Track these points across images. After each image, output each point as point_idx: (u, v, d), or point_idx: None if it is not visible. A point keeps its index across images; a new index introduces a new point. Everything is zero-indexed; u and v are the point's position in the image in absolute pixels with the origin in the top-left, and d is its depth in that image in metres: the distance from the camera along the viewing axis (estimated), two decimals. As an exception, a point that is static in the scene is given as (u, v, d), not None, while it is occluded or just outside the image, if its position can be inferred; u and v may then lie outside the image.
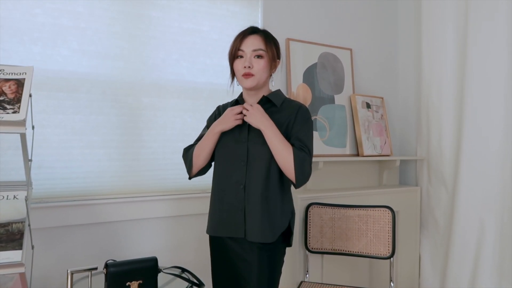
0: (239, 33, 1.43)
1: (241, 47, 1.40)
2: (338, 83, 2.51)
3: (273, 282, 1.44)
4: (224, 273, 1.49)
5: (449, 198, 2.44)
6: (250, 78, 1.40)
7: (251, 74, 1.39)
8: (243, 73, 1.40)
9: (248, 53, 1.39)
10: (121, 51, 1.86)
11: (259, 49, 1.40)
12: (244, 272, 1.42)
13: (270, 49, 1.42)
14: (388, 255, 1.97)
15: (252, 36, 1.41)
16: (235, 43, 1.42)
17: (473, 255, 2.29)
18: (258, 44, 1.40)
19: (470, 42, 2.29)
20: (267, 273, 1.41)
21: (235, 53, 1.41)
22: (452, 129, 2.44)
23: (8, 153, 1.63)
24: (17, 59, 1.64)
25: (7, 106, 1.22)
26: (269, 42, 1.42)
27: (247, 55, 1.40)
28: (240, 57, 1.41)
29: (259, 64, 1.39)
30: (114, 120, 1.85)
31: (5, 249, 1.18)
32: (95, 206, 1.77)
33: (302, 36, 2.39)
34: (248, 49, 1.39)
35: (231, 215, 1.42)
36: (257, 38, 1.41)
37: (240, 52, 1.40)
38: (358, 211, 2.05)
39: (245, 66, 1.38)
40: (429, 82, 2.55)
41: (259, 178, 1.40)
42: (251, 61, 1.39)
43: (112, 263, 1.42)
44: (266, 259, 1.41)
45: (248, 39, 1.40)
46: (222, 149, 1.47)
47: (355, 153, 2.51)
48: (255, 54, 1.39)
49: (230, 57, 1.44)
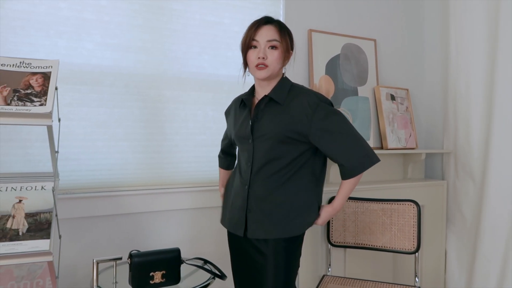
0: (253, 22, 1.40)
1: (255, 37, 1.36)
2: (362, 74, 2.46)
3: (289, 273, 1.43)
4: (241, 265, 1.50)
5: (477, 192, 2.37)
6: (264, 70, 1.37)
7: (265, 65, 1.36)
8: (256, 64, 1.37)
9: (263, 43, 1.36)
10: (143, 44, 1.88)
11: (273, 39, 1.36)
12: (260, 264, 1.42)
13: (284, 40, 1.38)
14: (413, 250, 1.92)
15: (267, 27, 1.37)
16: (249, 32, 1.38)
17: (503, 251, 2.21)
18: (272, 35, 1.36)
19: (501, 28, 2.19)
20: (283, 265, 1.41)
21: (249, 43, 1.38)
22: (480, 120, 2.35)
23: (36, 145, 1.67)
24: (43, 52, 1.68)
25: (34, 98, 1.25)
26: (284, 33, 1.39)
27: (261, 46, 1.36)
28: (254, 47, 1.38)
29: (273, 55, 1.36)
30: (137, 113, 1.87)
31: (34, 238, 1.22)
32: (119, 198, 1.80)
33: (324, 27, 2.35)
34: (263, 40, 1.36)
35: (237, 213, 1.46)
36: (271, 29, 1.37)
37: (254, 42, 1.37)
38: (382, 205, 2.00)
39: (259, 57, 1.36)
40: (457, 72, 2.46)
41: (264, 177, 1.41)
42: (265, 52, 1.36)
43: (136, 254, 1.44)
44: (282, 251, 1.40)
45: (263, 29, 1.37)
46: (238, 146, 1.53)
47: (379, 146, 2.45)
48: (270, 45, 1.36)
49: (243, 47, 1.40)
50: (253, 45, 1.38)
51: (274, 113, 1.40)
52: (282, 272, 1.40)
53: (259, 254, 1.42)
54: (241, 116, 1.48)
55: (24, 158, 1.65)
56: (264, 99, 1.42)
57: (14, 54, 1.60)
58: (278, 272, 1.39)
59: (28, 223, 1.24)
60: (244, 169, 1.45)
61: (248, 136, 1.42)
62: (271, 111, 1.41)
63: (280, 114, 1.39)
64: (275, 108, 1.40)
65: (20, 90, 1.25)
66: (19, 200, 1.28)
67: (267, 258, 1.40)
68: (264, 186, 1.41)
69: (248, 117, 1.44)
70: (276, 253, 1.40)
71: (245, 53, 1.41)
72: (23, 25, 1.64)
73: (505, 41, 2.19)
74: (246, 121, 1.45)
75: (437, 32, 2.68)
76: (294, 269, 1.46)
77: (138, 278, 1.41)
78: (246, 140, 1.43)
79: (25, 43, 1.65)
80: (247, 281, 1.49)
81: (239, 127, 1.47)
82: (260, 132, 1.40)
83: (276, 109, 1.40)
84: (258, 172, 1.41)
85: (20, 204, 1.27)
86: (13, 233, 1.21)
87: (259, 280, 1.42)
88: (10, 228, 1.22)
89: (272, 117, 1.40)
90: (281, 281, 1.40)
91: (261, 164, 1.41)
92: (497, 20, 2.22)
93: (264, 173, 1.41)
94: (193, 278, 1.53)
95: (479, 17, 2.33)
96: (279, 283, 1.39)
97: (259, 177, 1.41)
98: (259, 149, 1.41)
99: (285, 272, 1.41)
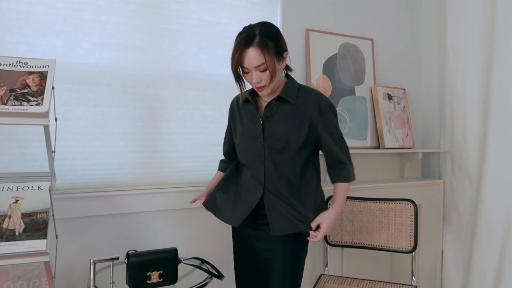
0: (236, 44, 1.32)
1: (243, 64, 1.32)
2: (359, 74, 2.47)
3: (297, 271, 1.45)
4: (247, 263, 1.51)
5: (473, 191, 2.38)
6: (265, 89, 1.36)
7: (264, 86, 1.35)
8: (255, 86, 1.37)
9: (252, 69, 1.32)
10: (141, 43, 1.87)
11: (259, 64, 1.30)
12: (268, 261, 1.43)
13: (270, 58, 1.30)
14: (410, 249, 1.93)
15: (249, 51, 1.29)
16: (234, 58, 1.32)
17: (499, 249, 2.22)
18: (257, 60, 1.29)
19: (498, 28, 2.20)
20: (290, 262, 1.42)
21: (238, 70, 1.35)
22: (477, 120, 2.36)
23: (32, 144, 1.66)
24: (40, 52, 1.67)
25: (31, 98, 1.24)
26: (267, 50, 1.30)
27: (252, 72, 1.32)
28: (246, 72, 1.35)
29: (266, 75, 1.33)
30: (134, 112, 1.87)
31: (31, 238, 1.21)
32: (116, 197, 1.79)
33: (321, 27, 2.35)
34: (250, 67, 1.31)
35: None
36: (254, 52, 1.29)
37: (244, 69, 1.34)
38: (379, 204, 2.01)
39: (254, 82, 1.34)
40: (454, 71, 2.47)
41: (277, 176, 1.41)
42: (259, 76, 1.32)
43: (134, 253, 1.43)
44: (290, 248, 1.42)
45: (247, 55, 1.30)
46: (241, 146, 1.50)
47: (376, 146, 2.46)
48: (259, 70, 1.32)
49: (234, 71, 1.36)
50: (245, 71, 1.34)
51: (286, 112, 1.41)
52: (289, 269, 1.42)
53: (266, 251, 1.44)
54: (247, 115, 1.47)
55: (20, 158, 1.64)
56: (273, 99, 1.43)
57: (11, 54, 1.60)
58: (285, 270, 1.41)
59: (24, 223, 1.24)
60: (256, 168, 1.44)
61: (259, 136, 1.42)
62: (282, 110, 1.42)
63: (291, 113, 1.41)
64: (286, 107, 1.42)
65: (16, 90, 1.25)
66: (15, 200, 1.28)
67: (275, 254, 1.42)
68: (279, 184, 1.42)
69: (257, 116, 1.44)
70: (284, 249, 1.42)
71: (237, 76, 1.38)
72: (20, 24, 1.64)
73: (501, 41, 2.20)
74: (255, 120, 1.44)
75: (434, 31, 2.69)
76: (301, 266, 1.48)
77: (135, 278, 1.41)
78: (255, 140, 1.43)
79: (22, 42, 1.64)
80: (251, 278, 1.50)
81: (246, 126, 1.46)
82: (272, 132, 1.40)
83: (287, 109, 1.41)
84: (272, 171, 1.41)
85: (17, 204, 1.27)
86: (9, 233, 1.21)
87: (267, 275, 1.43)
88: (7, 228, 1.21)
89: (284, 116, 1.41)
90: (288, 274, 1.42)
91: (275, 163, 1.41)
92: (493, 20, 2.23)
93: (278, 172, 1.41)
94: (191, 278, 1.53)
95: (476, 17, 2.34)
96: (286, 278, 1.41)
97: (273, 176, 1.42)
98: (272, 148, 1.41)
99: (292, 269, 1.43)
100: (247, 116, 1.48)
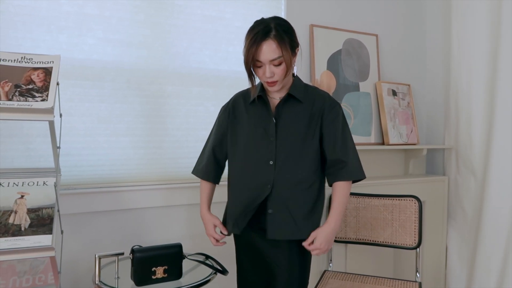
0: (252, 36, 1.29)
1: (258, 58, 1.29)
2: (363, 70, 2.45)
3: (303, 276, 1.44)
4: (251, 269, 1.49)
5: (478, 188, 2.37)
6: (276, 85, 1.35)
7: (276, 81, 1.34)
8: (266, 81, 1.35)
9: (266, 63, 1.30)
10: (144, 39, 1.87)
11: (276, 58, 1.28)
12: (273, 267, 1.42)
13: (286, 52, 1.29)
14: (414, 246, 1.92)
15: (266, 44, 1.27)
16: (250, 51, 1.29)
17: (504, 246, 2.21)
18: (273, 53, 1.28)
19: (504, 24, 2.18)
20: (297, 267, 1.41)
21: (252, 63, 1.32)
22: (482, 116, 2.34)
23: (37, 140, 1.67)
24: (44, 48, 1.67)
25: (36, 94, 1.25)
26: (283, 43, 1.28)
27: (265, 65, 1.30)
28: (259, 66, 1.32)
29: (280, 69, 1.31)
30: (138, 108, 1.87)
31: (36, 234, 1.22)
32: (121, 193, 1.80)
33: (326, 22, 2.34)
34: (266, 60, 1.29)
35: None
36: (271, 45, 1.27)
37: (258, 63, 1.31)
38: (383, 201, 2.01)
39: (267, 76, 1.32)
40: (459, 68, 2.46)
41: (289, 176, 1.38)
42: (272, 70, 1.31)
43: (138, 249, 1.44)
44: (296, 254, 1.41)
45: (263, 48, 1.27)
46: (246, 146, 1.44)
47: (380, 142, 2.45)
48: (273, 64, 1.30)
49: (247, 65, 1.33)
50: (258, 65, 1.32)
51: (297, 111, 1.40)
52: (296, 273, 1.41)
53: (270, 255, 1.42)
54: (257, 114, 1.44)
55: (25, 153, 1.65)
56: (283, 97, 1.41)
57: (16, 49, 1.60)
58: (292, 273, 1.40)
59: (30, 218, 1.24)
60: (263, 169, 1.39)
61: (271, 135, 1.39)
62: (293, 109, 1.41)
63: (303, 112, 1.40)
64: (297, 106, 1.41)
65: (21, 86, 1.25)
66: (21, 196, 1.29)
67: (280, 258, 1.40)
68: (289, 186, 1.38)
69: (269, 115, 1.41)
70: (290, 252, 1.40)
71: (249, 70, 1.36)
72: (24, 20, 1.64)
73: (507, 37, 2.18)
74: (267, 119, 1.41)
75: (439, 27, 2.67)
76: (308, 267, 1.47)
77: (140, 273, 1.41)
78: (265, 140, 1.40)
79: (26, 38, 1.64)
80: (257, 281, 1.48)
81: (257, 126, 1.42)
82: (285, 130, 1.39)
83: (299, 108, 1.41)
84: (283, 171, 1.38)
85: (22, 199, 1.28)
86: (15, 228, 1.21)
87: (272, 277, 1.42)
88: (12, 224, 1.22)
89: (296, 115, 1.40)
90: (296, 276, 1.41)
91: (286, 163, 1.38)
92: (499, 15, 2.21)
93: (289, 172, 1.38)
94: (195, 274, 1.53)
95: (481, 13, 2.32)
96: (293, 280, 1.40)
97: (284, 177, 1.38)
98: (285, 147, 1.38)
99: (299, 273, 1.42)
100: (256, 114, 1.44)
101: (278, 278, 1.40)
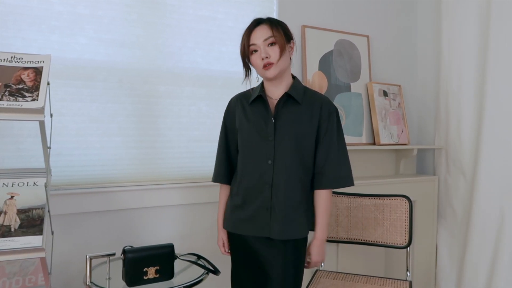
0: (245, 29, 1.41)
1: (251, 42, 1.37)
2: (355, 70, 2.47)
3: (298, 276, 1.45)
4: (246, 268, 1.49)
5: (467, 187, 2.40)
6: (272, 68, 1.37)
7: (271, 63, 1.36)
8: (263, 65, 1.37)
9: (261, 44, 1.36)
10: (137, 39, 1.86)
11: (269, 36, 1.36)
12: (268, 267, 1.42)
13: (278, 33, 1.37)
14: (404, 245, 1.94)
15: (258, 28, 1.38)
16: (243, 40, 1.40)
17: (493, 245, 2.24)
18: (266, 33, 1.36)
19: (493, 25, 2.21)
20: (291, 267, 1.42)
21: (248, 49, 1.39)
22: (472, 117, 2.37)
23: (28, 140, 1.65)
24: (35, 47, 1.66)
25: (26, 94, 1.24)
26: (275, 26, 1.38)
27: (260, 47, 1.37)
28: (254, 51, 1.39)
29: (275, 51, 1.36)
30: (130, 108, 1.86)
31: (26, 234, 1.21)
32: (113, 194, 1.79)
33: (318, 23, 2.35)
34: (259, 41, 1.36)
35: (256, 214, 1.42)
36: (264, 28, 1.37)
37: (253, 47, 1.38)
38: (374, 200, 2.02)
39: (262, 58, 1.36)
40: (449, 69, 2.49)
41: (287, 176, 1.40)
42: (267, 51, 1.36)
43: (130, 249, 1.44)
44: (291, 254, 1.42)
45: (255, 31, 1.38)
46: (246, 146, 1.46)
47: (371, 142, 2.47)
48: (268, 43, 1.36)
49: (243, 55, 1.42)
50: (253, 49, 1.38)
51: (296, 112, 1.42)
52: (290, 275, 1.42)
53: (265, 257, 1.43)
54: (256, 113, 1.45)
55: (16, 153, 1.64)
56: (282, 97, 1.42)
57: (6, 49, 1.58)
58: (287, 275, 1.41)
59: (20, 219, 1.23)
60: (262, 169, 1.41)
61: (270, 134, 1.40)
62: (292, 110, 1.42)
63: (302, 113, 1.42)
64: (295, 107, 1.42)
65: (11, 85, 1.24)
66: (11, 196, 1.27)
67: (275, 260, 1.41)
68: (287, 186, 1.40)
69: (268, 115, 1.42)
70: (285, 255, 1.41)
71: (245, 61, 1.43)
72: (15, 19, 1.62)
73: (496, 38, 2.21)
74: (266, 118, 1.42)
75: (430, 29, 2.69)
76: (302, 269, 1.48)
77: (132, 273, 1.41)
78: (264, 139, 1.41)
79: (17, 37, 1.63)
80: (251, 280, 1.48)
81: (256, 125, 1.43)
82: (283, 131, 1.40)
83: (298, 109, 1.42)
84: (281, 171, 1.39)
85: (12, 200, 1.27)
86: (5, 229, 1.20)
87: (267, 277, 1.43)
88: (2, 225, 1.21)
89: (294, 116, 1.41)
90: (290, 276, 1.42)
91: (284, 163, 1.40)
92: (488, 17, 2.24)
93: (287, 172, 1.40)
94: (187, 274, 1.53)
95: (471, 15, 2.35)
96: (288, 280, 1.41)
97: (282, 177, 1.39)
98: (283, 148, 1.40)
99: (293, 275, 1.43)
100: (255, 114, 1.45)
101: (273, 277, 1.41)
